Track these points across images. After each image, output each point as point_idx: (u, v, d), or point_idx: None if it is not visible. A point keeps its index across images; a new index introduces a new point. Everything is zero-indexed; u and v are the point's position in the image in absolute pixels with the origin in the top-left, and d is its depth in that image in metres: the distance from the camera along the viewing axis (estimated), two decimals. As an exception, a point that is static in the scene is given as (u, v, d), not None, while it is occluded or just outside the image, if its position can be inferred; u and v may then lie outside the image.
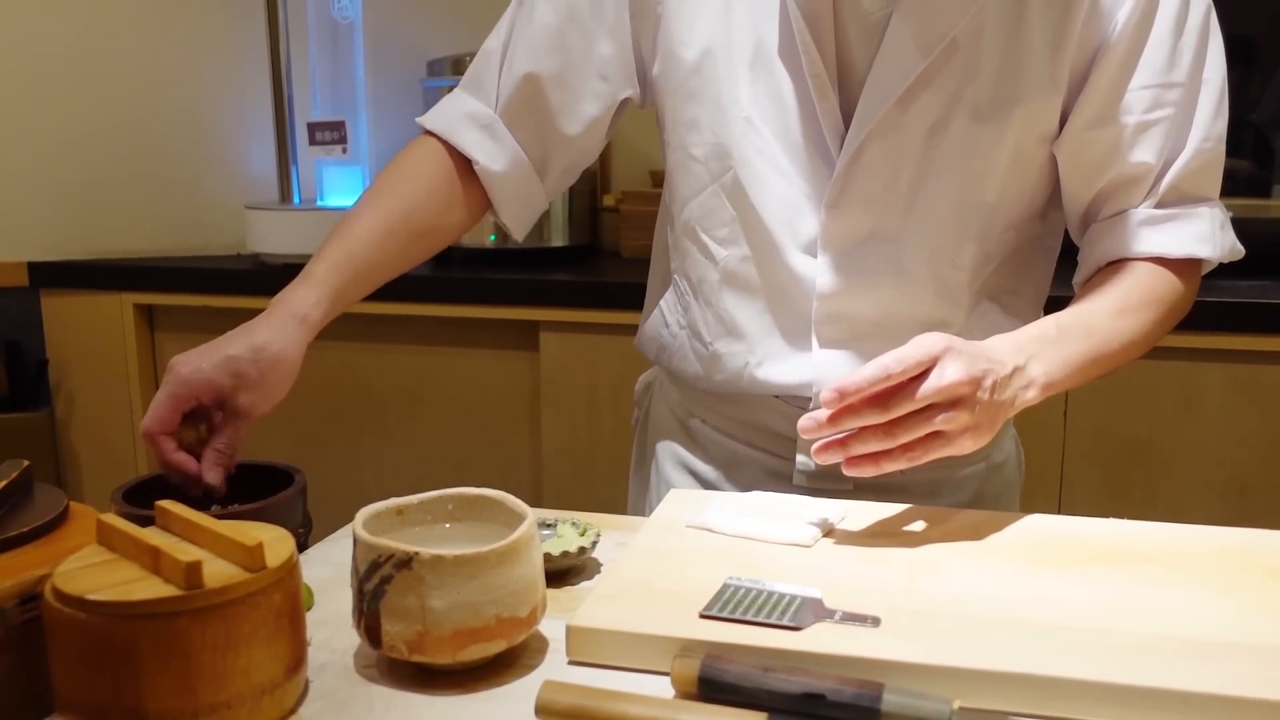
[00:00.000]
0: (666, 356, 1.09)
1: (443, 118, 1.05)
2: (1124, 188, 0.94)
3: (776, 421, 1.02)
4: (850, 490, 0.99)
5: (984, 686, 0.63)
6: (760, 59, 0.94)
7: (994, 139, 0.92)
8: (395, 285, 1.95)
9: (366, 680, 0.68)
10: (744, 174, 0.96)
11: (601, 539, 0.86)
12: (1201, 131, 0.92)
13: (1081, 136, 0.93)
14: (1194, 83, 0.91)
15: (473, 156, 1.03)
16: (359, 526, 0.68)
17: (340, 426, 2.05)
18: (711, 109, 0.96)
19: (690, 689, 0.64)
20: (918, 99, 0.91)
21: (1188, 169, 0.92)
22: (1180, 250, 0.93)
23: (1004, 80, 0.90)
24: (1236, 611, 0.71)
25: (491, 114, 1.03)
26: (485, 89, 1.04)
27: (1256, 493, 1.65)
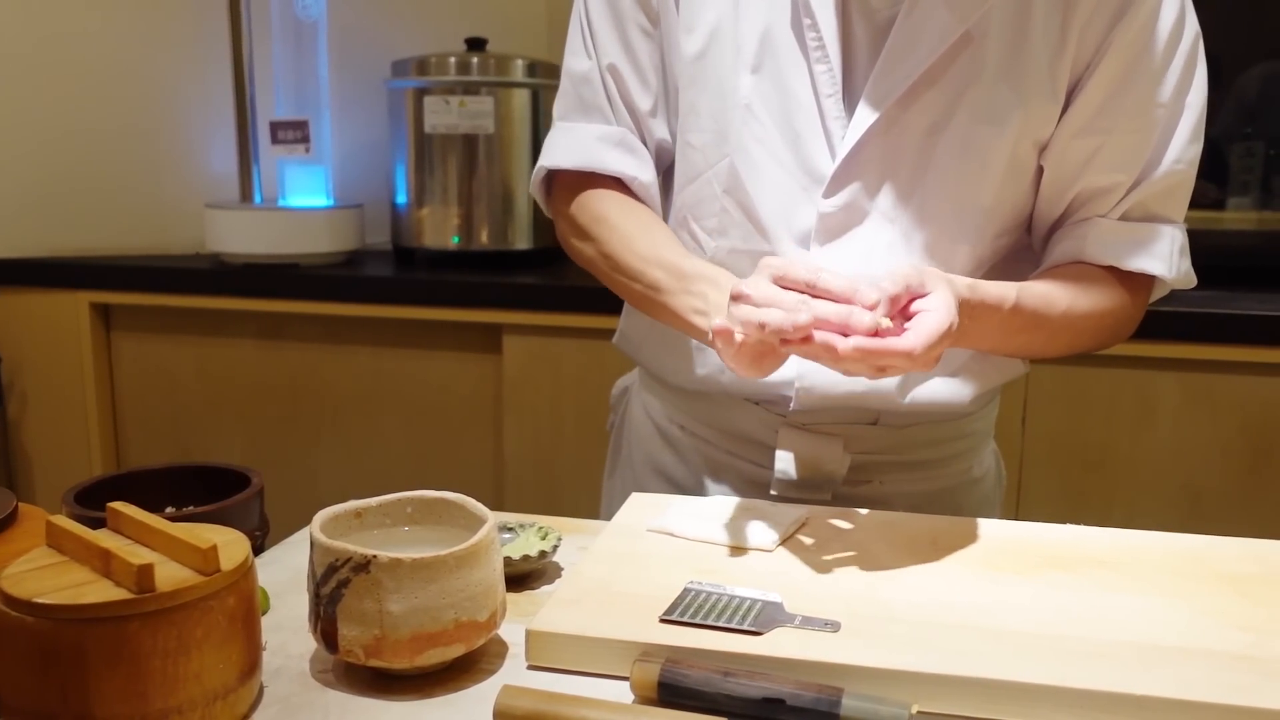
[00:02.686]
0: (646, 351, 1.09)
1: (576, 151, 1.02)
2: (1094, 199, 0.95)
3: (755, 428, 1.02)
4: (829, 500, 0.99)
5: (942, 691, 0.63)
6: (766, 49, 0.94)
7: (993, 142, 0.92)
8: (356, 286, 1.95)
9: (322, 685, 0.67)
10: (740, 162, 0.96)
11: (563, 543, 0.85)
12: (1176, 153, 0.93)
13: (1065, 145, 0.94)
14: (1176, 105, 0.92)
15: (625, 176, 1.01)
16: (316, 529, 0.67)
17: (300, 429, 2.03)
18: (712, 96, 0.96)
19: (650, 694, 0.64)
20: (921, 97, 0.91)
21: (1156, 188, 0.94)
22: (1135, 264, 0.94)
23: (1006, 84, 0.91)
24: (1190, 616, 0.72)
25: (621, 130, 1.02)
26: (599, 109, 1.02)
27: (1209, 500, 1.68)
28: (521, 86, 2.04)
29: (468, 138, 2.03)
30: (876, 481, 1.02)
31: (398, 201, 2.12)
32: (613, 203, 1.00)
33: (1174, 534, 0.87)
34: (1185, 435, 1.68)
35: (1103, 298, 0.94)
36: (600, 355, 1.84)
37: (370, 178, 2.25)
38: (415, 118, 2.05)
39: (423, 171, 2.07)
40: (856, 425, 1.00)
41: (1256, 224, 1.91)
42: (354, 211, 2.14)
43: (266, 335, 2.01)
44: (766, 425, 1.01)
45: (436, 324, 1.92)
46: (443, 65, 2.04)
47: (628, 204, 1.01)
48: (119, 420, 2.12)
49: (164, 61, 2.21)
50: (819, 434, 0.99)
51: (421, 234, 2.10)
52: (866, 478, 1.01)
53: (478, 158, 2.04)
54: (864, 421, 1.00)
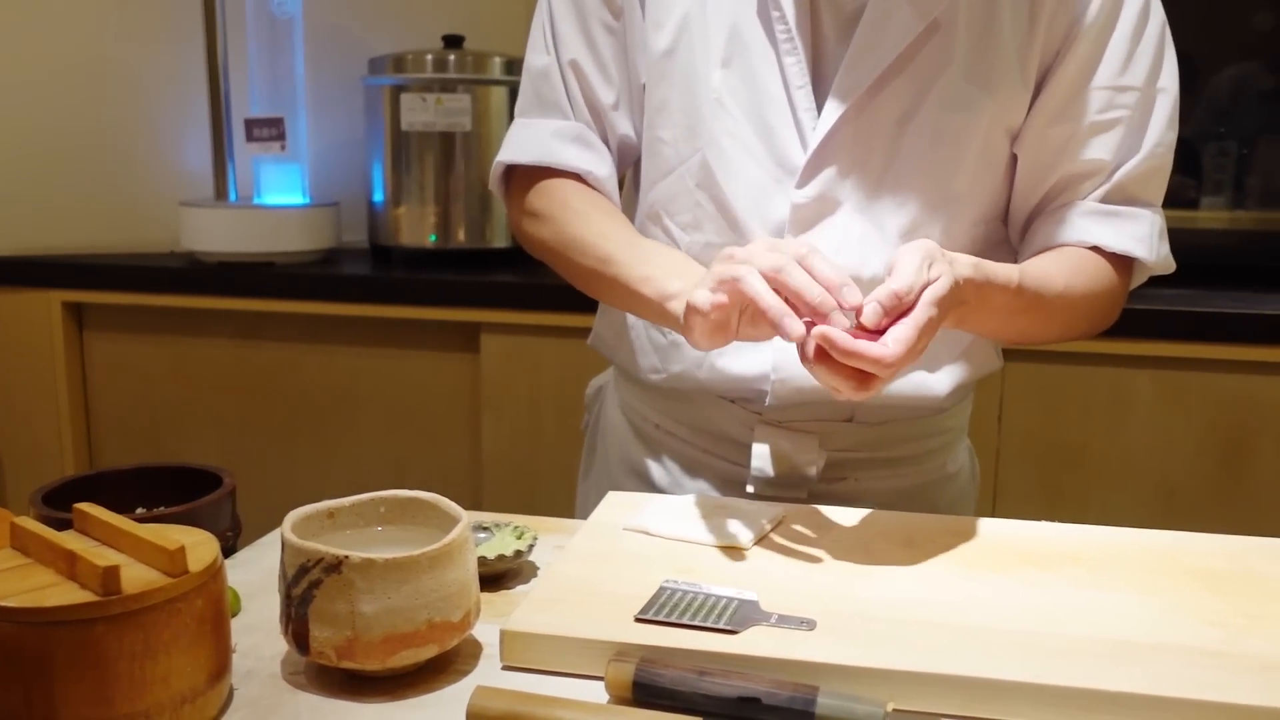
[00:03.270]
0: (624, 351, 1.08)
1: (532, 147, 1.02)
2: (1073, 184, 0.95)
3: (731, 426, 1.02)
4: (804, 498, 0.99)
5: (917, 688, 0.63)
6: (735, 42, 0.94)
7: (963, 129, 0.93)
8: (332, 285, 1.94)
9: (293, 688, 0.66)
10: (712, 156, 0.96)
11: (539, 542, 0.85)
12: (1155, 137, 0.94)
13: (1040, 133, 0.94)
14: (1150, 89, 0.93)
15: (581, 170, 1.01)
16: (287, 530, 0.67)
17: (275, 429, 2.01)
18: (682, 90, 0.96)
19: (625, 693, 0.63)
20: (889, 85, 0.91)
21: (1136, 171, 0.94)
22: (1118, 244, 0.94)
23: (975, 72, 0.91)
24: (1163, 612, 0.72)
25: (579, 125, 1.02)
26: (557, 105, 1.02)
27: (1183, 496, 1.69)
28: (499, 84, 2.03)
29: (445, 135, 2.02)
30: (852, 479, 1.02)
31: (374, 200, 2.11)
32: (572, 190, 1.01)
33: (1148, 531, 0.87)
34: (1159, 432, 1.69)
35: (1095, 278, 0.94)
36: (579, 354, 1.83)
37: (347, 176, 2.24)
38: (392, 115, 2.04)
39: (399, 169, 2.06)
40: (831, 422, 1.00)
41: (1229, 223, 1.93)
42: (330, 210, 2.12)
43: (241, 335, 1.99)
44: (742, 423, 1.01)
45: (413, 323, 1.91)
46: (420, 62, 2.03)
47: (587, 192, 1.01)
48: (92, 421, 2.09)
49: (137, 58, 2.19)
50: (794, 431, 0.99)
51: (398, 232, 2.08)
52: (842, 475, 1.01)
53: (455, 156, 2.03)
54: (839, 418, 1.00)
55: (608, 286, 0.94)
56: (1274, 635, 0.69)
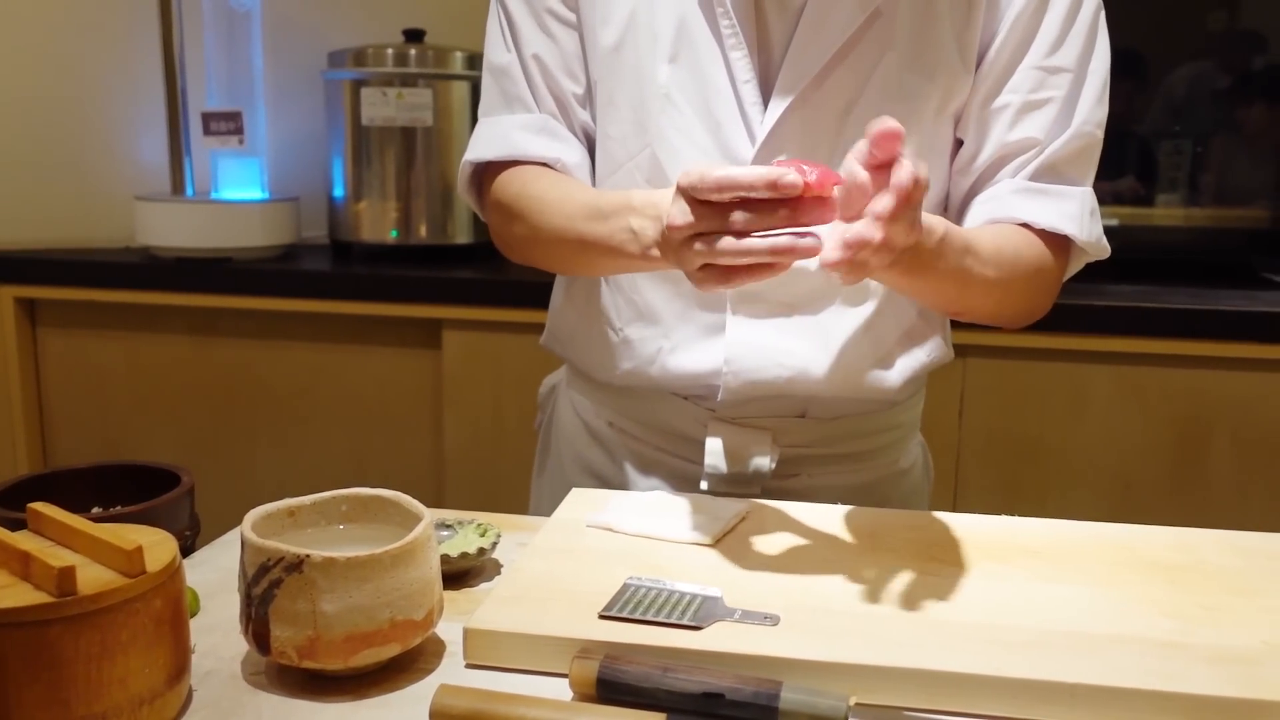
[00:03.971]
0: (576, 349, 1.08)
1: (498, 143, 1.01)
2: (1005, 163, 0.96)
3: (684, 423, 1.02)
4: (757, 494, 0.99)
5: (880, 682, 0.64)
6: (682, 38, 0.94)
7: (908, 117, 0.92)
8: (292, 280, 1.92)
9: (254, 688, 0.65)
10: (662, 151, 0.96)
11: (502, 540, 0.85)
12: (1083, 115, 0.94)
13: (976, 113, 0.95)
14: (1081, 71, 0.94)
15: (549, 159, 0.99)
16: (247, 529, 0.66)
17: (234, 426, 1.99)
18: (630, 86, 0.96)
19: (589, 690, 0.63)
20: (832, 75, 0.92)
21: (1065, 149, 0.95)
22: (1047, 221, 0.93)
23: (916, 59, 0.92)
24: (1120, 605, 0.73)
25: (542, 117, 1.00)
26: (520, 100, 1.01)
27: (1139, 489, 1.72)
28: (460, 79, 2.02)
29: (406, 130, 2.01)
30: (805, 475, 1.02)
31: (335, 195, 2.09)
32: (537, 175, 0.98)
33: (1105, 524, 0.88)
34: (1115, 427, 1.71)
35: (1031, 254, 0.93)
36: (541, 351, 1.82)
37: (306, 170, 2.21)
38: (352, 110, 2.02)
39: (360, 164, 2.04)
40: (784, 418, 1.00)
41: (1184, 220, 1.96)
42: (289, 205, 2.10)
43: (199, 331, 1.97)
44: (695, 420, 1.01)
45: (375, 319, 1.90)
46: (380, 57, 2.02)
47: (553, 175, 0.98)
48: (45, 419, 2.06)
49: (91, 50, 2.15)
50: (747, 427, 0.99)
51: (359, 228, 2.07)
52: (795, 471, 1.02)
53: (416, 151, 2.02)
54: (792, 414, 1.00)
55: (595, 260, 0.92)
56: (1227, 626, 0.70)
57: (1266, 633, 0.69)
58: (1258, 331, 1.64)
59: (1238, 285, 1.84)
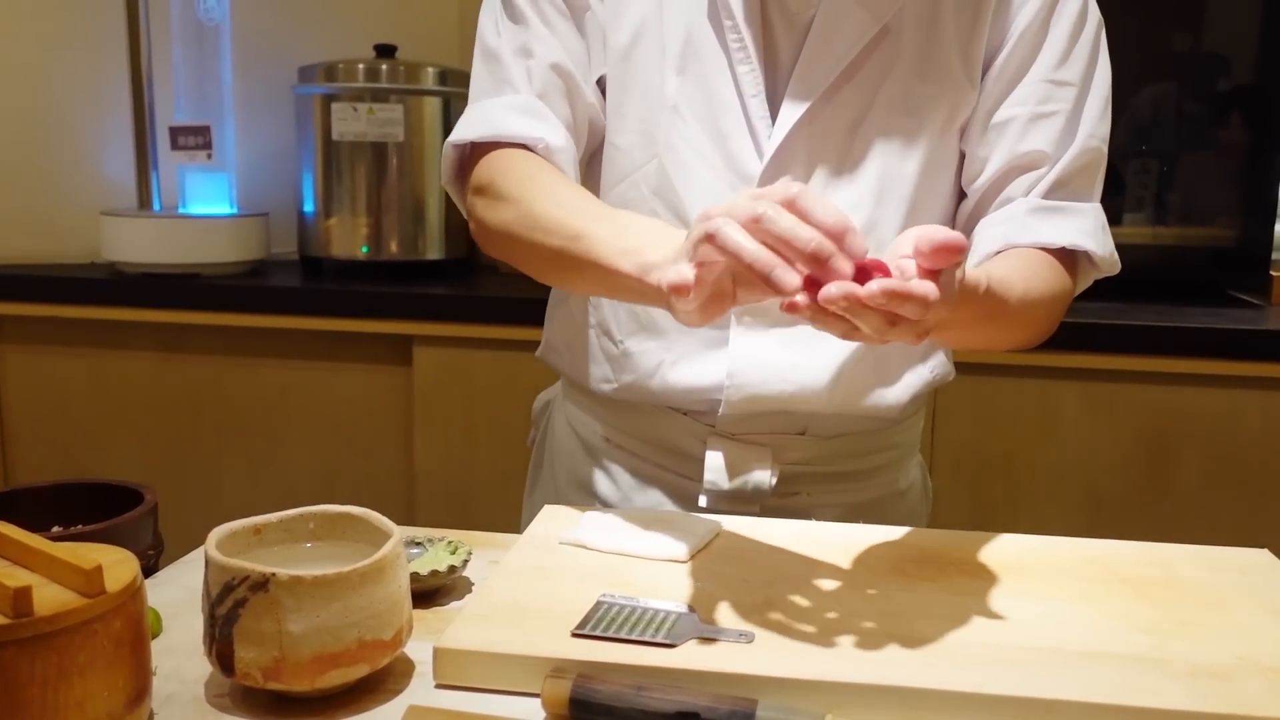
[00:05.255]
0: (573, 361, 1.06)
1: (482, 124, 0.96)
2: (1013, 177, 0.95)
3: (682, 439, 1.01)
4: (756, 512, 0.97)
5: (856, 699, 0.63)
6: (690, 50, 0.94)
7: (915, 132, 0.93)
8: (261, 297, 1.90)
9: (217, 710, 0.64)
10: (669, 163, 0.95)
11: (473, 557, 0.83)
12: (1089, 129, 0.94)
13: (981, 126, 0.95)
14: (1085, 85, 0.94)
15: (532, 139, 0.94)
16: (211, 547, 0.65)
17: (201, 445, 1.96)
18: (639, 97, 0.96)
19: (561, 710, 0.62)
20: (841, 91, 0.92)
21: (1074, 165, 0.94)
22: (1066, 240, 0.93)
23: (921, 75, 0.92)
24: (1094, 620, 0.73)
25: (530, 99, 0.96)
26: (511, 82, 0.97)
27: (1110, 505, 1.73)
28: (432, 95, 2.01)
29: (377, 146, 2.00)
30: (804, 493, 1.01)
31: (305, 210, 2.07)
32: (537, 166, 0.93)
33: (1078, 539, 0.88)
34: (1086, 443, 1.72)
35: (1049, 280, 0.92)
36: (514, 367, 1.82)
37: (276, 186, 2.19)
38: (323, 125, 2.01)
39: (330, 180, 2.03)
40: (785, 435, 0.99)
41: (1151, 238, 1.98)
42: (259, 220, 2.08)
43: (166, 348, 1.94)
44: (694, 436, 1.00)
45: (345, 335, 1.88)
46: (351, 72, 2.01)
47: (544, 165, 0.94)
48: (7, 437, 2.02)
49: (57, 63, 2.13)
50: (747, 444, 0.98)
51: (329, 244, 2.05)
52: (794, 489, 1.01)
53: (387, 166, 2.01)
54: (792, 431, 0.99)
55: (578, 267, 0.84)
56: (1202, 640, 0.70)
57: (1240, 647, 0.69)
58: (1224, 348, 1.66)
59: (1204, 303, 1.86)
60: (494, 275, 2.10)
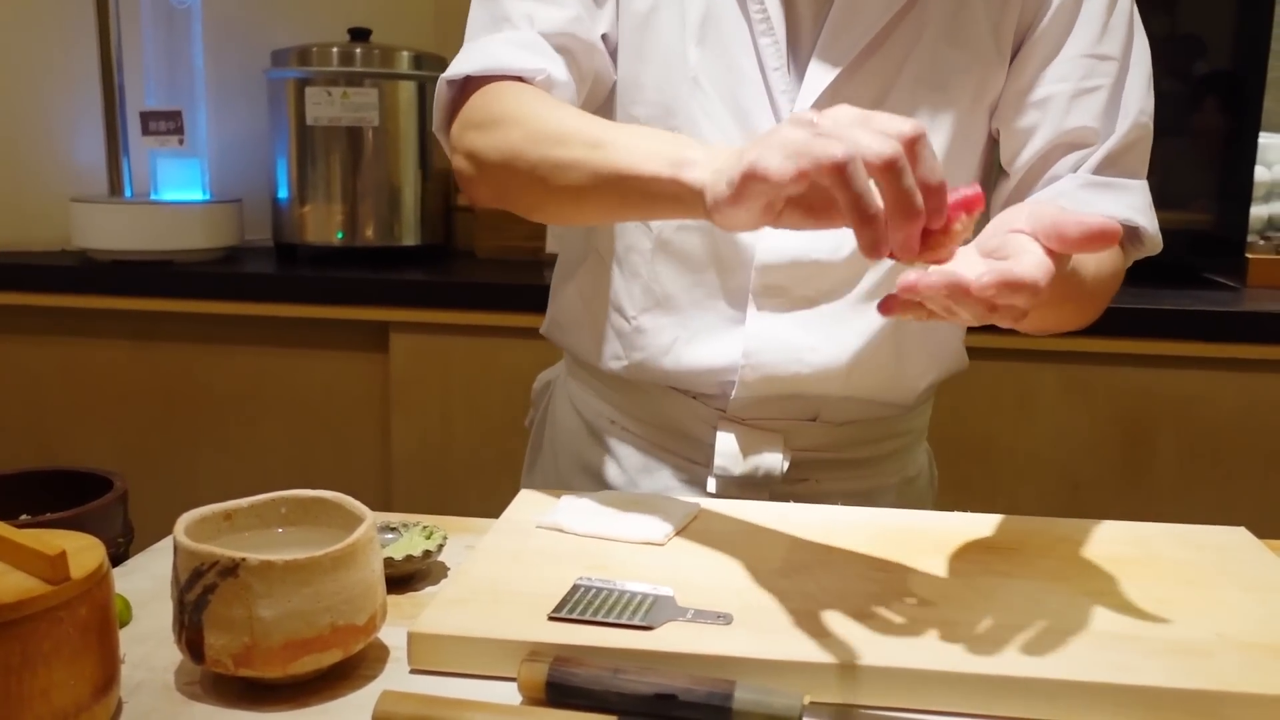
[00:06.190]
0: (581, 337, 1.03)
1: (479, 58, 0.90)
2: (1059, 154, 0.92)
3: (691, 423, 0.99)
4: (765, 499, 0.96)
5: (834, 680, 0.63)
6: (710, 21, 0.91)
7: (941, 107, 0.91)
8: (235, 284, 1.88)
9: (188, 698, 0.63)
10: (689, 135, 0.91)
11: (449, 542, 0.82)
12: (1136, 106, 0.92)
13: (1018, 104, 0.93)
14: (1125, 59, 0.92)
15: (532, 71, 0.88)
16: (180, 532, 0.63)
17: (174, 433, 1.94)
18: (659, 67, 0.93)
19: (538, 694, 0.61)
20: (865, 65, 0.90)
21: (1123, 142, 0.92)
22: (1122, 215, 0.90)
23: (949, 48, 0.90)
24: (1073, 598, 0.73)
25: (532, 34, 0.91)
26: (510, 19, 0.92)
27: (1087, 486, 1.73)
28: (407, 79, 1.99)
29: (352, 131, 1.97)
30: (813, 480, 1.00)
31: (279, 196, 2.05)
32: (539, 95, 0.87)
33: (1057, 519, 0.88)
34: (1063, 425, 1.73)
35: (1112, 256, 0.90)
36: (491, 352, 1.80)
37: (249, 171, 2.17)
38: (296, 110, 1.98)
39: (305, 165, 2.01)
40: (795, 421, 0.98)
41: (1128, 221, 1.98)
42: (232, 206, 2.06)
43: (138, 336, 1.92)
44: (704, 420, 0.98)
45: (320, 322, 1.86)
46: (325, 56, 1.98)
47: (545, 94, 0.88)
48: (-23, 426, 1.99)
49: (26, 47, 2.09)
50: (758, 429, 0.97)
51: (304, 230, 2.03)
52: (804, 476, 0.99)
53: (362, 151, 1.99)
54: (804, 418, 0.98)
55: (596, 181, 0.77)
56: (1181, 618, 0.70)
57: (1219, 624, 0.69)
58: (1200, 330, 1.67)
59: (1180, 285, 1.86)
60: (471, 261, 2.09)
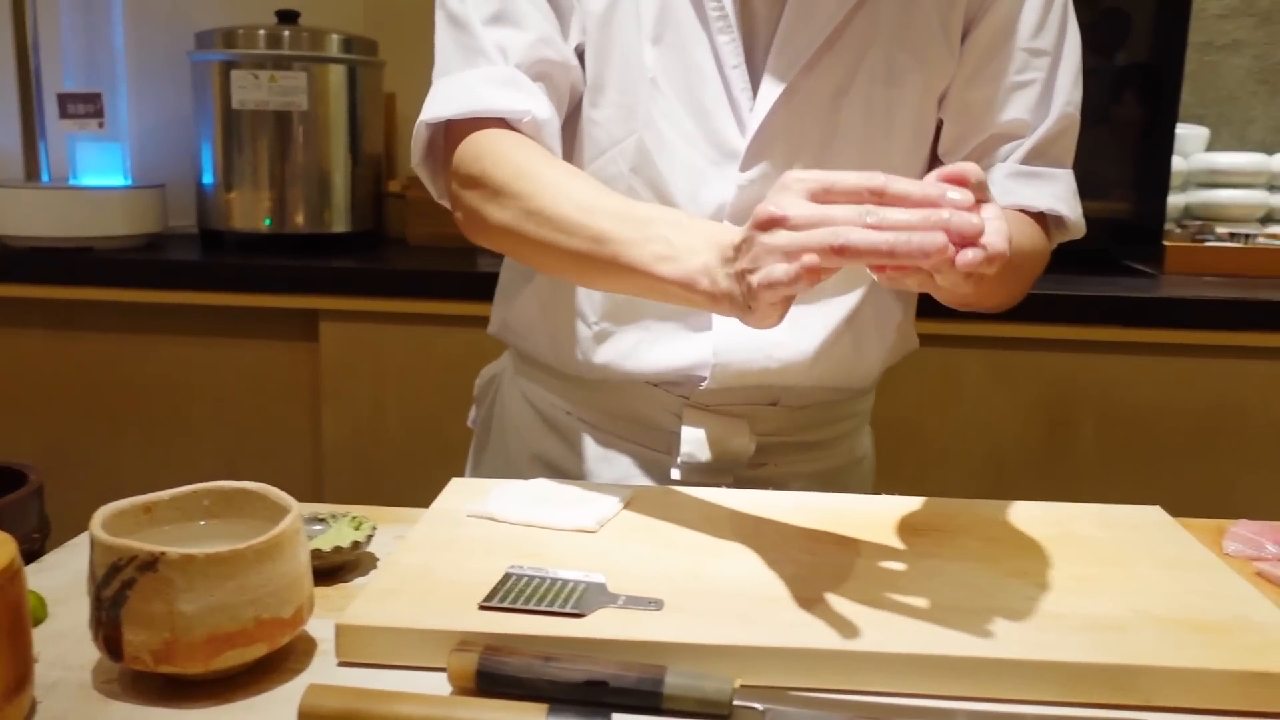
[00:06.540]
0: (535, 341, 1.02)
1: (459, 98, 0.89)
2: (994, 146, 0.95)
3: (656, 413, 0.99)
4: (730, 484, 0.97)
5: (764, 663, 0.63)
6: (666, 19, 0.90)
7: (896, 103, 0.92)
8: (159, 271, 1.83)
9: (106, 697, 0.61)
10: (650, 139, 0.91)
11: (379, 532, 0.82)
12: (1064, 96, 0.95)
13: (960, 95, 0.95)
14: (1057, 53, 0.94)
15: (517, 113, 0.87)
16: (96, 526, 0.62)
17: (97, 426, 1.89)
18: (617, 69, 0.92)
19: (468, 684, 0.61)
20: (821, 62, 0.90)
21: (1051, 132, 0.95)
22: (1044, 204, 0.94)
23: (902, 44, 0.91)
24: (996, 578, 0.74)
25: (509, 69, 0.89)
26: (484, 53, 0.90)
27: (1012, 468, 1.77)
28: (337, 62, 1.96)
29: (280, 115, 1.93)
30: (772, 464, 1.01)
31: (204, 182, 2.00)
32: (532, 152, 0.87)
33: (981, 500, 0.90)
34: (988, 409, 1.76)
35: (1035, 238, 0.93)
36: (424, 341, 1.79)
37: (173, 156, 2.12)
38: (222, 93, 1.94)
39: (231, 150, 1.96)
40: (757, 406, 0.98)
41: (1052, 209, 2.03)
42: (155, 192, 2.01)
43: (57, 325, 1.86)
44: (668, 409, 0.98)
45: (248, 311, 1.83)
46: (251, 38, 1.94)
47: (548, 155, 0.88)
48: (-114, 420, 1.92)
49: (-68, 26, 2.02)
50: (724, 415, 0.98)
51: (230, 216, 1.99)
52: (763, 460, 1.00)
53: (291, 136, 1.95)
54: (765, 402, 0.99)
55: (606, 270, 0.80)
56: (1099, 595, 0.72)
57: (1135, 600, 0.71)
58: (1120, 316, 1.71)
59: (1101, 272, 1.91)
60: (402, 248, 2.06)
